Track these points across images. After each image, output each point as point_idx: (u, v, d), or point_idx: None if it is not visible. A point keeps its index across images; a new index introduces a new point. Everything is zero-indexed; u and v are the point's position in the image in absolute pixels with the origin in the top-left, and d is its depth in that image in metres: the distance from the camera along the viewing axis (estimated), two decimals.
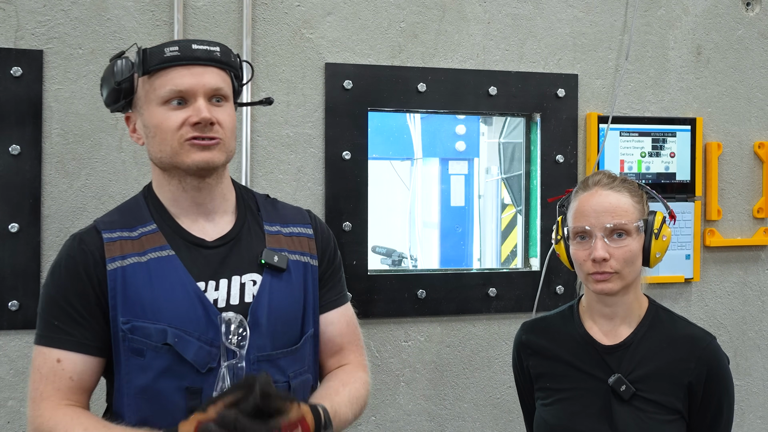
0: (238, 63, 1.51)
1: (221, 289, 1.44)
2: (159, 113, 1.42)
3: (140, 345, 1.39)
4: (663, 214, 1.69)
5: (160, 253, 1.43)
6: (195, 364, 1.39)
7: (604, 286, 1.62)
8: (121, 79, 1.43)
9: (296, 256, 1.53)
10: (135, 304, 1.40)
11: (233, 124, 1.47)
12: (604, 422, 1.64)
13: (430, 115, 3.28)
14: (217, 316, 1.41)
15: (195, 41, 1.43)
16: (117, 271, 1.41)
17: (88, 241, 1.44)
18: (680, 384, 1.63)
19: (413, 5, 2.34)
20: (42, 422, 1.37)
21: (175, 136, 1.41)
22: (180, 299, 1.41)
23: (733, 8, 2.63)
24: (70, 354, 1.40)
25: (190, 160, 1.41)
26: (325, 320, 1.57)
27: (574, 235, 1.66)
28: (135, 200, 1.54)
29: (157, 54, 1.41)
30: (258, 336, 1.44)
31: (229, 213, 1.53)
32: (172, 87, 1.40)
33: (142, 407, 1.40)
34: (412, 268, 3.57)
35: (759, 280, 2.67)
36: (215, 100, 1.44)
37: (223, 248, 1.48)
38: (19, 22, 2.04)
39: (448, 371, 2.39)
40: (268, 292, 1.47)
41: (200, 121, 1.40)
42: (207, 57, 1.42)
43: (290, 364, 1.48)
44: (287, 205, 1.63)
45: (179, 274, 1.42)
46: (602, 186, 1.66)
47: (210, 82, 1.42)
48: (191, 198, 1.48)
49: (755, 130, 2.65)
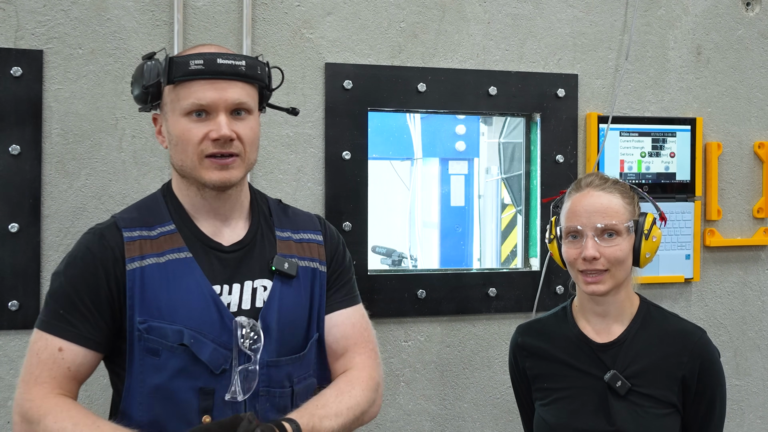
0: (267, 73, 1.51)
1: (234, 294, 1.46)
2: (181, 124, 1.43)
3: (156, 345, 1.41)
4: (654, 216, 1.73)
5: (178, 255, 1.45)
6: (209, 365, 1.41)
7: (596, 287, 1.66)
8: (148, 84, 1.44)
9: (305, 262, 1.55)
10: (152, 304, 1.41)
11: (255, 136, 1.48)
12: (602, 418, 1.67)
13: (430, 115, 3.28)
14: (231, 320, 1.43)
15: (221, 55, 1.43)
16: (136, 271, 1.42)
17: (109, 237, 1.45)
18: (674, 378, 1.68)
19: (413, 5, 2.34)
20: (31, 407, 1.36)
21: (196, 150, 1.42)
22: (196, 301, 1.42)
23: (733, 8, 2.63)
24: (73, 345, 1.40)
25: (207, 177, 1.44)
26: (329, 321, 1.58)
27: (567, 234, 1.70)
28: (154, 198, 1.54)
29: (183, 65, 1.41)
30: (267, 341, 1.45)
31: (244, 218, 1.55)
32: (195, 100, 1.41)
33: (154, 407, 1.41)
34: (412, 268, 3.57)
35: (759, 280, 2.67)
36: (237, 114, 1.44)
37: (239, 253, 1.50)
38: (19, 22, 2.04)
39: (448, 371, 2.40)
40: (278, 299, 1.49)
41: (219, 137, 1.41)
42: (231, 72, 1.42)
43: (296, 370, 1.50)
44: (298, 211, 1.64)
45: (196, 277, 1.44)
46: (594, 187, 1.71)
47: (232, 96, 1.43)
48: (209, 204, 1.50)
49: (755, 130, 2.65)
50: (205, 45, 1.53)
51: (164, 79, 1.42)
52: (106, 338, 1.43)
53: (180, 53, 1.47)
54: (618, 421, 1.65)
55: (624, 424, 1.65)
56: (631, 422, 1.65)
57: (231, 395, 1.41)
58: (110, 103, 2.10)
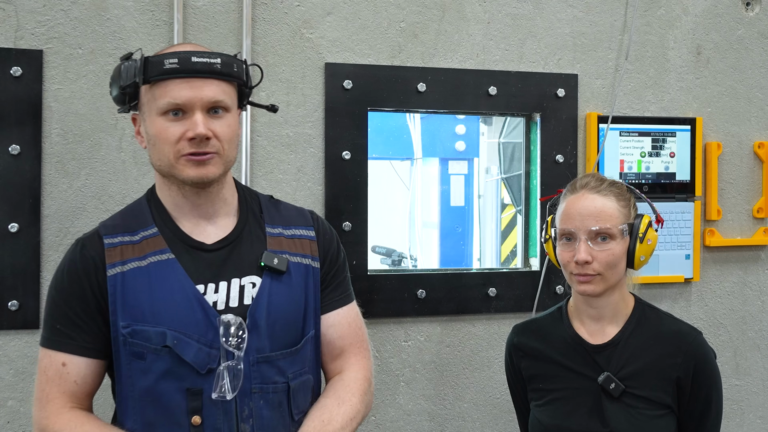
0: (244, 70, 1.50)
1: (221, 292, 1.46)
2: (158, 123, 1.42)
3: (140, 348, 1.41)
4: (650, 218, 1.72)
5: (160, 257, 1.45)
6: (194, 365, 1.40)
7: (587, 287, 1.66)
8: (125, 84, 1.44)
9: (297, 258, 1.54)
10: (134, 308, 1.42)
11: (233, 134, 1.47)
12: (596, 420, 1.67)
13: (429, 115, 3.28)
14: (216, 318, 1.42)
15: (195, 53, 1.42)
16: (117, 276, 1.43)
17: (90, 246, 1.47)
18: (669, 379, 1.68)
19: (413, 5, 2.34)
20: (48, 424, 1.40)
21: (173, 149, 1.42)
22: (179, 302, 1.42)
23: (733, 8, 2.63)
24: (74, 357, 1.43)
25: (185, 174, 1.43)
26: (326, 322, 1.58)
27: (561, 236, 1.70)
28: (138, 203, 1.55)
29: (157, 65, 1.41)
30: (257, 337, 1.45)
31: (231, 216, 1.54)
32: (170, 99, 1.40)
33: (145, 410, 1.41)
34: (412, 268, 3.57)
35: (759, 280, 2.67)
36: (214, 112, 1.44)
37: (223, 251, 1.49)
38: (19, 22, 2.04)
39: (448, 371, 2.40)
40: (268, 295, 1.48)
41: (195, 136, 1.40)
42: (207, 69, 1.42)
43: (290, 365, 1.49)
44: (290, 206, 1.63)
45: (179, 278, 1.44)
46: (589, 189, 1.70)
47: (208, 94, 1.42)
48: (192, 203, 1.49)
49: (755, 130, 2.65)
50: (182, 44, 1.53)
51: (140, 79, 1.42)
52: (104, 344, 1.44)
53: (156, 53, 1.46)
54: (612, 423, 1.65)
55: (618, 426, 1.65)
56: (625, 424, 1.65)
57: (219, 394, 1.40)
58: (110, 103, 2.10)
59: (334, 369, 1.59)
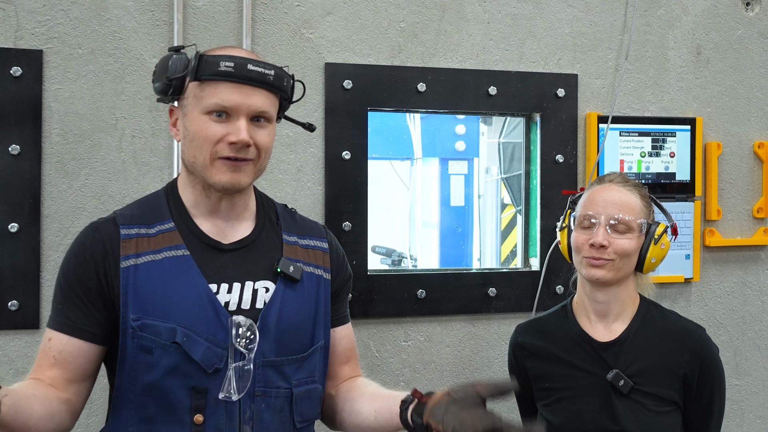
0: (291, 85, 1.52)
1: (234, 293, 1.46)
2: (200, 121, 1.43)
3: (149, 342, 1.41)
4: (666, 225, 1.77)
5: (175, 253, 1.45)
6: (202, 364, 1.40)
7: (597, 271, 1.68)
8: (173, 77, 1.44)
9: (311, 268, 1.56)
10: (146, 301, 1.42)
11: (271, 144, 1.49)
12: (606, 417, 1.68)
13: (429, 115, 3.28)
14: (227, 318, 1.43)
15: (252, 61, 1.43)
16: (130, 269, 1.43)
17: (104, 231, 1.46)
18: (676, 376, 1.70)
19: (413, 5, 2.34)
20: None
21: (211, 149, 1.42)
22: (191, 299, 1.42)
23: (732, 8, 2.63)
24: (59, 334, 1.43)
25: (217, 178, 1.44)
26: (338, 334, 1.62)
27: (581, 220, 1.73)
28: (156, 196, 1.55)
29: (213, 64, 1.41)
30: (265, 342, 1.45)
31: (249, 219, 1.55)
32: (218, 101, 1.41)
33: (146, 405, 1.41)
34: (412, 268, 3.57)
35: (759, 280, 2.67)
36: (256, 120, 1.45)
37: (239, 252, 1.50)
38: (19, 22, 2.04)
39: (448, 371, 2.39)
40: (280, 301, 1.48)
41: (237, 142, 1.41)
42: (259, 79, 1.43)
43: (295, 371, 1.49)
44: (305, 218, 1.66)
45: (192, 275, 1.44)
46: (616, 183, 1.77)
47: (256, 104, 1.43)
48: (213, 204, 1.50)
49: (755, 130, 2.65)
50: (234, 48, 1.52)
51: (191, 75, 1.42)
52: (101, 329, 1.43)
53: (208, 51, 1.46)
54: (622, 420, 1.66)
55: (628, 423, 1.66)
56: (634, 421, 1.66)
57: (225, 394, 1.40)
58: (110, 103, 2.10)
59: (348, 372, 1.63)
